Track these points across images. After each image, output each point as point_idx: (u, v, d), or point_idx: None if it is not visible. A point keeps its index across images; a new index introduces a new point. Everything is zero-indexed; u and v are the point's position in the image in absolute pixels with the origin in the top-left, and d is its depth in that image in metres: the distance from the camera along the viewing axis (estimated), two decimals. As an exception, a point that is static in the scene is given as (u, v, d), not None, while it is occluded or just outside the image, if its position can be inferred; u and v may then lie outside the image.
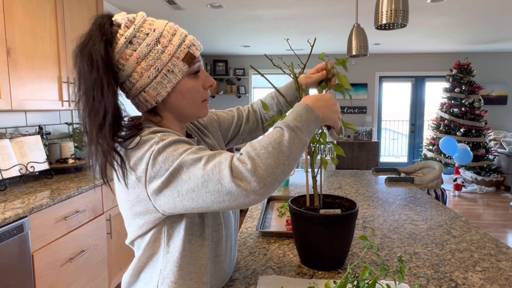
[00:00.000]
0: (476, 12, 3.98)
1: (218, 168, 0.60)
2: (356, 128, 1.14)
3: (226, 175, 0.59)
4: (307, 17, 4.17)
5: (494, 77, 6.76)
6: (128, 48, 0.70)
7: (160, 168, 0.64)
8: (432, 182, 2.69)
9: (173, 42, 0.71)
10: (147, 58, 0.70)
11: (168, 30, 0.72)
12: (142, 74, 0.70)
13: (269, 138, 0.63)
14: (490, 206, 4.86)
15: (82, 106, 0.68)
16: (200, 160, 0.62)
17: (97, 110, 0.66)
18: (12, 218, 1.49)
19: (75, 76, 0.69)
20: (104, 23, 0.70)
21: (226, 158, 0.61)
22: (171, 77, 0.71)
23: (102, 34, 0.68)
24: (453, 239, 1.22)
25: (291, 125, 0.66)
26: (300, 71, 1.00)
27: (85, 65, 0.66)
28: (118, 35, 0.70)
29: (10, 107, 1.86)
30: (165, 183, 0.64)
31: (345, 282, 0.79)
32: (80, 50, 0.68)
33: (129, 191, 0.68)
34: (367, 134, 6.64)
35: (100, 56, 0.66)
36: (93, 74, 0.66)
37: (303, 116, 0.68)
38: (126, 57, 0.70)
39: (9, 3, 1.84)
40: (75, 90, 0.70)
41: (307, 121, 0.68)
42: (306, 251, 1.00)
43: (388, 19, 1.66)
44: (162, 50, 0.70)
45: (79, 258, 1.97)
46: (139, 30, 0.71)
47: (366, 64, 6.95)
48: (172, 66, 0.71)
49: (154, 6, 3.63)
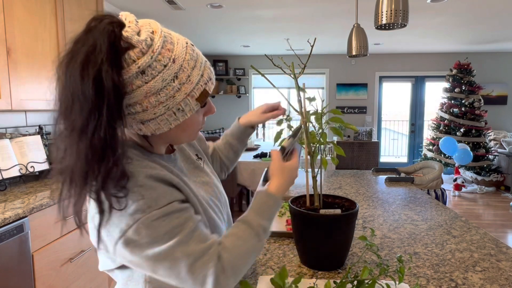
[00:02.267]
0: (476, 12, 3.98)
1: (203, 274, 0.59)
2: (356, 128, 1.14)
3: (209, 285, 0.60)
4: (307, 17, 4.17)
5: (494, 77, 6.76)
6: (138, 78, 0.58)
7: (141, 239, 0.57)
8: (432, 182, 2.69)
9: (192, 79, 0.62)
10: (159, 94, 0.59)
11: (188, 62, 0.62)
12: (147, 109, 0.60)
13: (248, 247, 0.66)
14: (490, 206, 4.86)
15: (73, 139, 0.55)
16: (188, 256, 0.59)
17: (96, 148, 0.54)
18: (12, 218, 1.49)
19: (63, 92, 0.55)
20: (115, 35, 0.56)
21: (213, 264, 0.60)
22: (179, 115, 0.63)
23: (113, 51, 0.55)
24: (453, 239, 1.22)
25: (265, 228, 0.69)
26: (300, 71, 1.01)
27: (90, 89, 0.53)
28: (129, 59, 0.57)
29: (10, 107, 1.86)
30: (140, 256, 0.58)
31: (345, 282, 0.79)
32: (82, 65, 0.53)
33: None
34: (367, 134, 6.64)
35: (112, 81, 0.54)
36: (98, 103, 0.53)
37: (273, 212, 0.72)
38: (132, 87, 0.58)
39: (9, 3, 1.84)
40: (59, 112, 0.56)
41: (275, 214, 0.73)
42: (306, 251, 1.00)
43: (388, 19, 1.66)
44: (178, 88, 0.61)
45: (79, 258, 1.97)
46: (157, 59, 0.58)
47: (366, 64, 6.95)
48: (184, 105, 0.63)
49: (154, 6, 3.63)
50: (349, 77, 7.01)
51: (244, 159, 4.38)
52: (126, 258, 0.60)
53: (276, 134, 1.05)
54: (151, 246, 0.58)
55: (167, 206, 0.60)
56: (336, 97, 7.02)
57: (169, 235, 0.58)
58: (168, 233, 0.58)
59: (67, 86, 0.55)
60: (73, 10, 2.40)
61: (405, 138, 7.30)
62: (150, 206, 0.58)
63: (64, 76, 0.55)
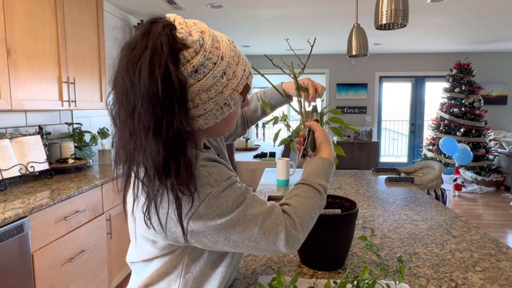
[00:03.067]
0: (476, 12, 3.98)
1: (275, 231, 0.66)
2: (356, 128, 1.14)
3: (282, 240, 0.66)
4: (307, 17, 4.17)
5: (494, 77, 6.76)
6: (192, 77, 0.61)
7: (212, 212, 0.62)
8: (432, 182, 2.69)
9: (237, 74, 0.67)
10: (209, 91, 0.63)
11: (233, 58, 0.66)
12: (198, 105, 0.64)
13: (313, 204, 0.74)
14: (490, 206, 4.86)
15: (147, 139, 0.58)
16: (257, 217, 0.65)
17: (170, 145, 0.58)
18: (12, 218, 1.49)
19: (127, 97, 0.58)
20: (173, 37, 0.59)
21: (282, 221, 0.67)
22: (225, 109, 0.67)
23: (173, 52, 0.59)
24: (453, 239, 1.22)
25: (325, 187, 0.78)
26: (300, 71, 1.01)
27: (160, 88, 0.56)
28: (184, 59, 0.61)
29: (10, 107, 1.86)
30: (213, 228, 0.62)
31: (345, 282, 0.79)
32: (149, 67, 0.56)
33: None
34: (367, 134, 6.64)
35: (178, 79, 0.58)
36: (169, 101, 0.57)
37: (330, 173, 0.81)
38: (186, 86, 0.62)
39: (9, 3, 1.84)
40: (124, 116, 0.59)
41: (331, 175, 0.82)
42: (306, 251, 1.00)
43: (388, 19, 1.66)
44: (226, 84, 0.65)
45: (79, 258, 1.97)
46: (208, 57, 0.62)
47: (366, 64, 6.95)
48: (230, 99, 0.67)
49: (154, 6, 3.63)
50: (349, 77, 7.01)
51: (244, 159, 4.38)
52: (198, 233, 0.63)
53: (275, 134, 1.05)
54: (223, 215, 0.62)
55: (229, 179, 0.66)
56: (336, 97, 7.03)
57: (236, 203, 0.64)
58: (235, 201, 0.64)
59: (134, 89, 0.57)
60: (73, 10, 2.40)
61: (405, 138, 7.30)
62: (216, 180, 0.63)
63: (128, 80, 0.58)
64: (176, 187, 0.59)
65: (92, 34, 2.63)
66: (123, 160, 0.63)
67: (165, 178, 0.59)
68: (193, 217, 0.61)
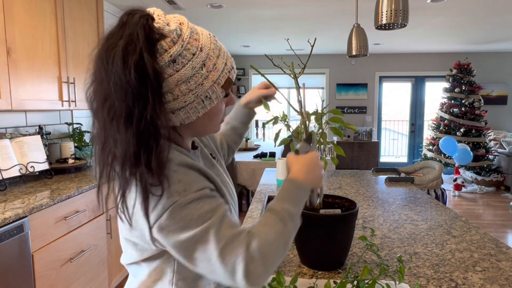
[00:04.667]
0: (476, 12, 3.98)
1: (233, 260, 0.59)
2: (356, 128, 1.14)
3: (240, 275, 0.59)
4: (307, 17, 4.17)
5: (494, 77, 6.76)
6: (170, 67, 0.61)
7: (175, 223, 0.59)
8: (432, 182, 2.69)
9: (217, 66, 0.66)
10: (189, 82, 0.63)
11: (213, 50, 0.66)
12: (178, 97, 0.63)
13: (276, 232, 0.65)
14: (490, 206, 4.86)
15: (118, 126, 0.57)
16: (220, 241, 0.60)
17: (141, 134, 0.57)
18: (12, 218, 1.49)
19: (102, 84, 0.58)
20: (149, 26, 0.59)
21: (243, 251, 0.60)
22: (206, 103, 0.66)
23: (149, 41, 0.58)
24: (453, 239, 1.22)
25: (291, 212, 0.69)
26: (300, 71, 1.01)
27: (133, 75, 0.56)
28: (161, 49, 0.60)
29: (10, 107, 1.86)
30: (173, 243, 0.60)
31: (345, 282, 0.79)
32: (123, 55, 0.56)
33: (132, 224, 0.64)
34: (367, 134, 6.64)
35: (153, 67, 0.57)
36: (142, 89, 0.56)
37: (296, 196, 0.72)
38: (164, 76, 0.61)
39: (9, 3, 1.84)
40: (98, 104, 0.59)
41: (302, 202, 0.73)
42: (306, 251, 1.00)
43: (388, 19, 1.66)
44: (206, 75, 0.64)
45: (79, 258, 1.97)
46: (186, 48, 0.62)
47: (366, 64, 6.95)
48: (211, 92, 0.66)
49: (154, 6, 3.62)
50: (349, 77, 7.01)
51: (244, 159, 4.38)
52: (161, 243, 0.62)
53: (276, 134, 1.05)
54: (185, 229, 0.59)
55: (200, 191, 0.62)
56: (336, 97, 7.02)
57: (202, 219, 0.60)
58: (201, 216, 0.60)
59: (108, 77, 0.57)
60: (73, 10, 2.40)
61: (405, 138, 7.30)
62: (185, 190, 0.60)
63: (103, 69, 0.58)
64: (145, 178, 0.58)
65: (92, 34, 2.63)
66: (99, 149, 0.61)
67: (134, 168, 0.58)
68: (155, 225, 0.59)
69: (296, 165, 0.77)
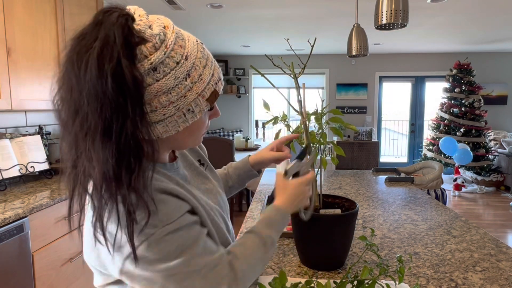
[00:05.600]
0: (476, 12, 3.98)
1: (218, 282, 0.60)
2: (356, 128, 1.14)
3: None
4: (307, 17, 4.17)
5: (494, 77, 6.76)
6: (149, 75, 0.54)
7: (152, 255, 0.54)
8: (432, 182, 2.69)
9: (203, 78, 0.59)
10: (170, 93, 0.55)
11: (200, 59, 0.59)
12: (156, 109, 0.56)
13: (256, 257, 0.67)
14: (490, 206, 4.86)
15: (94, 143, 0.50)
16: (203, 268, 0.58)
17: (122, 151, 0.50)
18: (12, 218, 1.49)
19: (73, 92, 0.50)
20: (128, 28, 0.52)
21: (226, 273, 0.61)
22: (188, 117, 0.59)
23: (128, 44, 0.51)
24: (453, 239, 1.22)
25: (273, 239, 0.71)
26: (300, 71, 1.01)
27: (110, 86, 0.48)
28: (141, 54, 0.53)
29: (10, 107, 1.86)
30: (150, 273, 0.55)
31: (345, 282, 0.79)
32: (98, 61, 0.49)
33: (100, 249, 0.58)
34: (367, 134, 6.64)
35: (132, 76, 0.50)
36: (120, 101, 0.49)
37: (280, 225, 0.74)
38: (143, 85, 0.54)
39: (9, 3, 1.84)
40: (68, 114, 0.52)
41: (282, 228, 0.75)
42: (306, 251, 1.00)
43: (388, 19, 1.66)
44: (190, 87, 0.57)
45: (79, 258, 1.97)
46: (170, 55, 0.55)
47: (366, 64, 6.95)
48: (195, 105, 0.59)
49: (154, 6, 3.63)
50: (349, 77, 7.01)
51: (244, 159, 4.38)
52: (134, 274, 0.56)
53: (276, 134, 1.05)
54: (164, 261, 0.55)
55: (178, 219, 0.58)
56: (336, 97, 7.02)
57: (181, 249, 0.57)
58: (179, 246, 0.56)
59: (79, 85, 0.50)
60: (73, 9, 2.40)
61: (405, 138, 7.30)
62: (162, 221, 0.55)
63: (74, 75, 0.50)
64: (128, 202, 0.51)
65: (92, 34, 2.63)
66: (70, 167, 0.54)
67: (115, 190, 0.51)
68: (129, 258, 0.54)
69: (283, 193, 0.77)
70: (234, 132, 6.99)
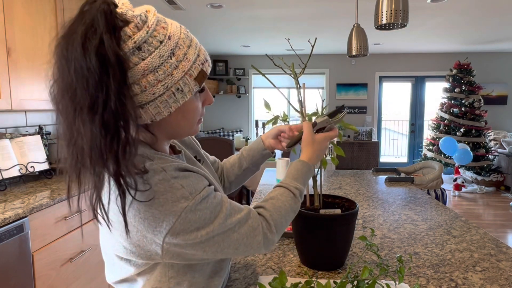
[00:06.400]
0: (476, 12, 3.98)
1: (253, 234, 0.67)
2: (356, 128, 1.14)
3: (259, 242, 0.68)
4: (307, 17, 4.17)
5: (494, 77, 6.76)
6: (135, 55, 0.57)
7: (190, 226, 0.59)
8: (432, 182, 2.69)
9: (189, 57, 0.61)
10: (156, 72, 0.58)
11: (183, 40, 0.62)
12: (146, 89, 0.58)
13: (287, 207, 0.75)
14: (490, 206, 4.86)
15: (83, 119, 0.53)
16: (236, 225, 0.65)
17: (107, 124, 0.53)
18: (12, 218, 1.49)
19: (63, 73, 0.54)
20: (110, 12, 0.55)
21: (258, 224, 0.68)
22: (178, 96, 0.61)
23: (111, 26, 0.54)
24: (453, 239, 1.22)
25: (301, 191, 0.78)
26: (301, 71, 1.01)
27: (93, 62, 0.51)
28: (125, 35, 0.56)
29: (10, 107, 1.86)
30: (192, 242, 0.60)
31: (345, 282, 0.79)
32: (82, 41, 0.52)
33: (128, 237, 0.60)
34: (367, 134, 6.64)
35: (115, 53, 0.53)
36: (104, 76, 0.52)
37: (306, 177, 0.81)
38: (129, 65, 0.56)
39: (9, 3, 1.84)
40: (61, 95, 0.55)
41: (308, 179, 0.83)
42: (306, 251, 1.00)
43: (388, 19, 1.66)
44: (175, 65, 0.60)
45: (79, 258, 1.97)
46: (152, 35, 0.58)
47: (366, 64, 6.95)
48: (183, 84, 0.61)
49: (154, 6, 3.62)
50: (349, 77, 7.01)
51: (244, 159, 4.38)
52: (176, 248, 0.60)
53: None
54: (202, 228, 0.60)
55: (204, 190, 0.63)
56: (336, 97, 7.02)
57: (214, 213, 0.62)
58: (212, 212, 0.62)
59: (68, 65, 0.53)
60: (73, 9, 2.39)
61: (405, 138, 7.30)
62: (191, 193, 0.60)
63: (63, 57, 0.54)
64: (120, 173, 0.54)
65: (92, 34, 2.63)
66: (66, 146, 0.56)
67: (103, 163, 0.54)
68: (169, 234, 0.58)
69: (310, 147, 0.84)
70: (234, 132, 6.99)
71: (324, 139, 0.85)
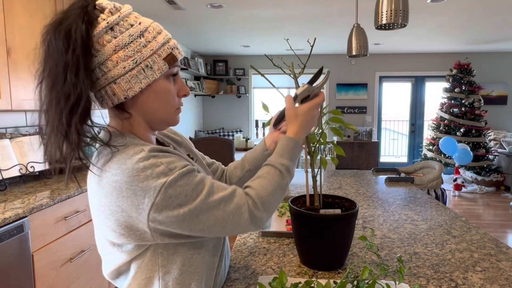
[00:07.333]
0: (476, 12, 3.98)
1: (239, 212, 0.67)
2: (356, 128, 1.14)
3: (246, 220, 0.68)
4: (307, 17, 4.17)
5: (494, 77, 6.76)
6: (107, 33, 0.64)
7: (172, 202, 0.61)
8: (432, 182, 2.69)
9: (158, 40, 0.67)
10: (126, 48, 0.64)
11: (154, 28, 0.68)
12: (117, 64, 0.64)
13: (273, 184, 0.74)
14: (490, 206, 4.86)
15: (46, 90, 0.63)
16: (220, 203, 0.65)
17: (67, 94, 0.60)
18: (12, 218, 1.49)
19: (41, 55, 0.64)
20: (87, 4, 0.64)
21: (244, 202, 0.68)
22: (148, 73, 0.66)
23: (83, 13, 0.62)
24: (453, 239, 1.22)
25: (287, 167, 0.77)
26: (300, 71, 1.01)
27: (60, 43, 0.60)
28: (100, 19, 0.64)
29: (10, 107, 1.86)
30: (176, 219, 0.62)
31: (345, 282, 0.79)
32: (55, 26, 0.61)
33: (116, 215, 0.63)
34: (367, 134, 6.64)
35: (80, 35, 0.60)
36: (68, 54, 0.60)
37: (294, 153, 0.79)
38: (103, 42, 0.64)
39: (9, 3, 1.84)
40: (39, 72, 0.64)
41: (298, 155, 0.81)
42: (306, 251, 1.00)
43: (388, 19, 1.66)
44: (144, 44, 0.66)
45: (79, 258, 1.97)
46: (124, 19, 0.65)
47: (366, 64, 6.95)
48: (152, 62, 0.66)
49: (154, 6, 3.63)
50: (349, 77, 7.01)
51: (244, 159, 4.38)
52: (162, 227, 0.63)
53: None
54: (184, 205, 0.62)
55: (185, 167, 0.64)
56: (336, 97, 7.02)
57: (196, 191, 0.63)
58: (194, 189, 0.63)
59: (43, 46, 0.63)
60: (73, 10, 2.40)
61: (405, 138, 7.30)
62: (171, 169, 0.62)
63: (42, 43, 0.63)
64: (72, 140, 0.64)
65: (92, 34, 2.63)
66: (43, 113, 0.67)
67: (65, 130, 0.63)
68: (152, 210, 0.60)
69: (294, 123, 0.81)
70: (234, 132, 6.99)
71: (309, 109, 0.81)
